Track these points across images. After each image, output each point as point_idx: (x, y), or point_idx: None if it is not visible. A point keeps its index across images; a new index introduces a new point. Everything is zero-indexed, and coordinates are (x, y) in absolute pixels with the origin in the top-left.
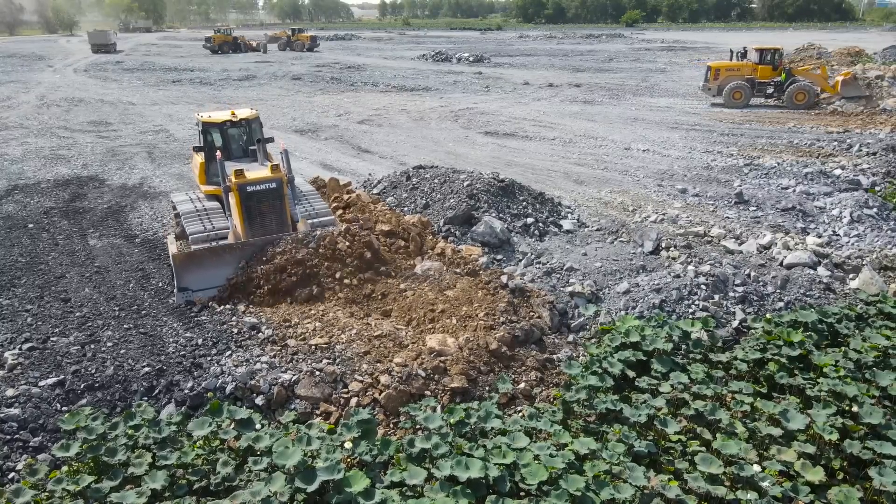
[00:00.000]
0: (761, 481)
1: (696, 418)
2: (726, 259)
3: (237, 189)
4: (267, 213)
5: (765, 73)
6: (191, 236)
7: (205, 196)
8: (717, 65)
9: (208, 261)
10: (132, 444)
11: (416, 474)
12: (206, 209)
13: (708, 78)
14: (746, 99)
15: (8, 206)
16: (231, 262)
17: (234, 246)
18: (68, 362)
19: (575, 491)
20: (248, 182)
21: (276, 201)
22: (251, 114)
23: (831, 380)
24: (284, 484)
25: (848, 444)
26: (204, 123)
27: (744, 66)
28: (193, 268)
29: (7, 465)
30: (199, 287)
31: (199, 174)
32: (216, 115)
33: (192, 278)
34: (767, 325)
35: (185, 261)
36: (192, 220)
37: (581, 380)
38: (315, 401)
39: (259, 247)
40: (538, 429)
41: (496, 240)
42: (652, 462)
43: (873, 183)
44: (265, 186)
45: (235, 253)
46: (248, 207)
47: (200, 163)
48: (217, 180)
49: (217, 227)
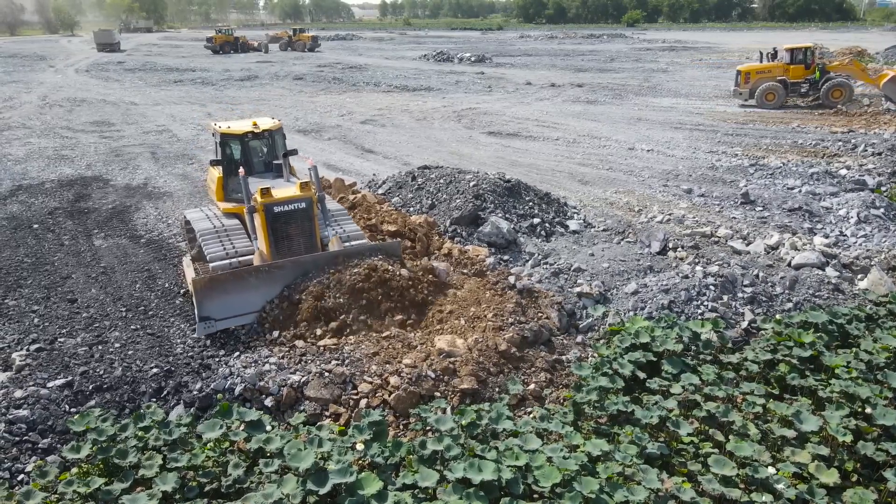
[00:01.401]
0: (776, 483)
1: (708, 420)
2: (734, 259)
3: (263, 209)
4: (295, 235)
5: (797, 73)
6: (210, 259)
7: (222, 213)
8: (746, 68)
9: (232, 286)
10: (142, 445)
11: (428, 476)
12: (225, 228)
13: (738, 82)
14: (780, 100)
15: (12, 207)
16: (257, 286)
17: (260, 269)
18: (76, 363)
19: (589, 493)
20: (276, 202)
21: (306, 222)
22: (274, 124)
23: (843, 381)
24: (296, 486)
25: (862, 445)
26: (222, 135)
27: (775, 67)
28: (216, 294)
29: (16, 466)
30: (223, 316)
31: (217, 190)
32: (236, 126)
33: (214, 306)
34: (777, 325)
35: (207, 287)
36: (211, 240)
37: (591, 381)
38: (325, 402)
39: (288, 269)
40: (549, 430)
41: (503, 240)
42: (664, 464)
43: (879, 183)
44: (294, 206)
45: (262, 276)
46: (275, 229)
47: (218, 177)
48: (237, 197)
49: (239, 249)
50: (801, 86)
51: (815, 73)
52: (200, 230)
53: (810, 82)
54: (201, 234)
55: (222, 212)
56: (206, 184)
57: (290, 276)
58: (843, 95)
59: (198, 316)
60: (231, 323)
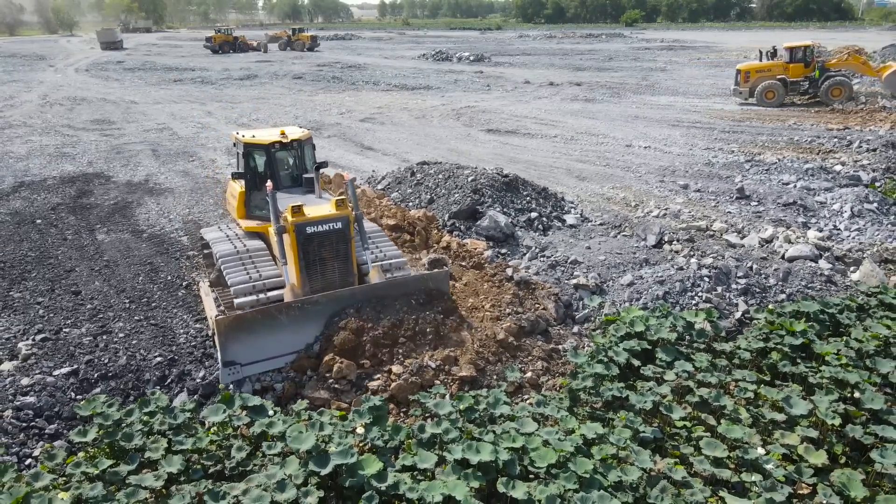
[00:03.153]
0: (765, 464)
1: (700, 405)
2: (729, 252)
3: (294, 230)
4: (329, 259)
5: (797, 71)
6: (234, 289)
7: (244, 233)
8: (745, 67)
9: (260, 326)
10: (147, 430)
11: (426, 459)
12: (248, 251)
13: (738, 81)
14: (780, 98)
15: (15, 203)
16: (288, 325)
17: (292, 306)
18: (81, 352)
19: (583, 473)
20: (309, 221)
21: (341, 245)
22: (303, 134)
23: (833, 368)
24: (298, 467)
25: (850, 428)
26: (246, 145)
27: (774, 66)
28: (242, 336)
29: (24, 451)
30: (250, 360)
31: (238, 206)
32: (261, 135)
33: (240, 349)
34: (770, 315)
35: (232, 328)
36: (234, 267)
37: (587, 368)
38: (323, 402)
39: (324, 305)
40: (546, 415)
41: (501, 234)
42: (658, 448)
43: (873, 178)
44: (329, 227)
45: (294, 314)
46: (307, 252)
47: (240, 192)
48: (261, 214)
49: (265, 277)
50: (801, 84)
51: (814, 72)
52: (221, 254)
53: (810, 80)
54: (222, 258)
55: (243, 230)
56: (226, 198)
57: (325, 313)
58: (843, 94)
59: (221, 361)
60: (259, 368)
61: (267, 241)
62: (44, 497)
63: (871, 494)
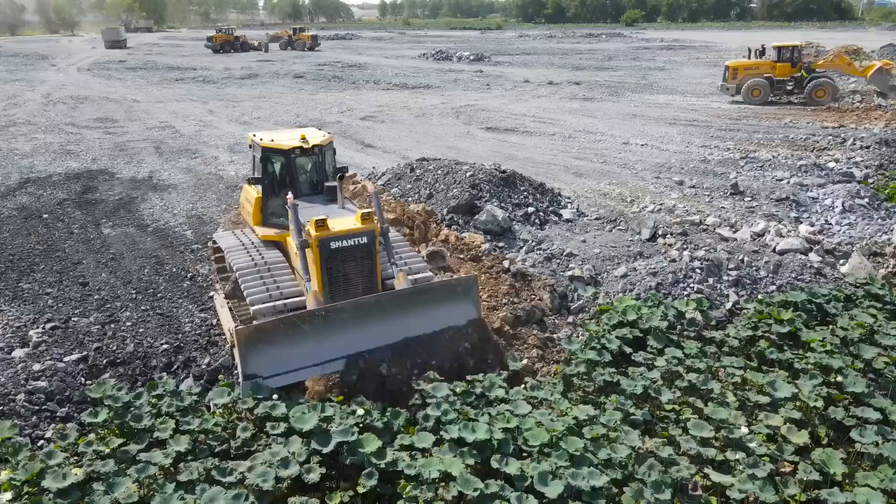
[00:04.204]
0: (749, 443)
1: (689, 389)
2: (721, 245)
3: (318, 245)
4: (353, 276)
5: (784, 71)
6: (252, 304)
7: (260, 242)
8: (734, 64)
9: (283, 336)
10: (156, 412)
11: (424, 439)
12: (266, 264)
13: (726, 77)
14: (765, 96)
15: (22, 198)
16: (312, 335)
17: (316, 314)
18: (90, 340)
19: (574, 451)
20: (333, 236)
21: (367, 261)
22: (325, 138)
23: (818, 354)
24: (301, 446)
25: (832, 411)
26: (264, 149)
27: (762, 64)
28: (263, 347)
29: (36, 433)
30: (272, 373)
31: (254, 212)
32: (280, 139)
33: (261, 361)
34: (759, 305)
35: (253, 339)
36: (252, 280)
37: (580, 354)
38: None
39: (349, 313)
40: (540, 399)
41: (498, 228)
42: (647, 430)
43: (866, 175)
44: (354, 241)
45: (317, 323)
46: (331, 268)
47: (256, 198)
48: (278, 222)
49: (285, 292)
50: (787, 83)
51: (801, 72)
52: (238, 267)
53: (796, 80)
54: (240, 272)
55: (260, 239)
56: (241, 203)
57: (350, 323)
58: (827, 95)
59: (242, 374)
60: (282, 381)
61: (285, 250)
62: (58, 472)
63: (850, 472)
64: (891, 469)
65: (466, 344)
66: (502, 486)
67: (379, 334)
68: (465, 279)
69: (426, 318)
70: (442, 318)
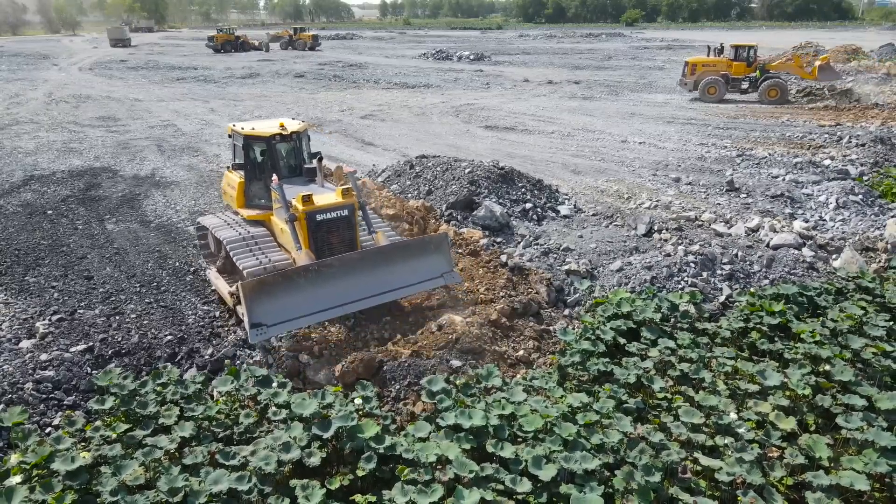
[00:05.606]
0: (738, 428)
1: (681, 378)
2: (715, 241)
3: (305, 217)
4: (336, 244)
5: (739, 70)
6: (246, 272)
7: (244, 221)
8: (694, 60)
9: (282, 289)
10: (161, 399)
11: (421, 427)
12: (253, 236)
13: (685, 73)
14: (721, 94)
15: (26, 195)
16: (306, 288)
17: (309, 269)
18: (95, 331)
19: (567, 436)
20: (318, 209)
21: (347, 230)
22: (301, 126)
23: (807, 344)
24: (302, 431)
25: (820, 398)
26: (246, 137)
27: (719, 62)
28: (265, 298)
29: (44, 420)
30: (275, 321)
31: (237, 196)
32: (261, 128)
33: (265, 311)
34: (751, 298)
35: (257, 291)
36: (243, 251)
37: (575, 345)
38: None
39: (337, 268)
40: (535, 387)
41: (496, 223)
42: (639, 417)
43: (861, 172)
44: (336, 214)
45: (311, 277)
46: (317, 238)
47: (239, 182)
48: (260, 203)
49: (274, 261)
50: (742, 82)
51: (756, 72)
52: (228, 240)
53: (751, 80)
54: (230, 244)
55: (244, 218)
56: (223, 189)
57: (339, 276)
58: (779, 95)
59: (248, 323)
60: (283, 328)
61: (268, 227)
62: (66, 456)
63: (836, 456)
64: (875, 453)
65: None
66: (497, 469)
67: (364, 286)
68: (436, 236)
69: (405, 270)
70: (419, 271)
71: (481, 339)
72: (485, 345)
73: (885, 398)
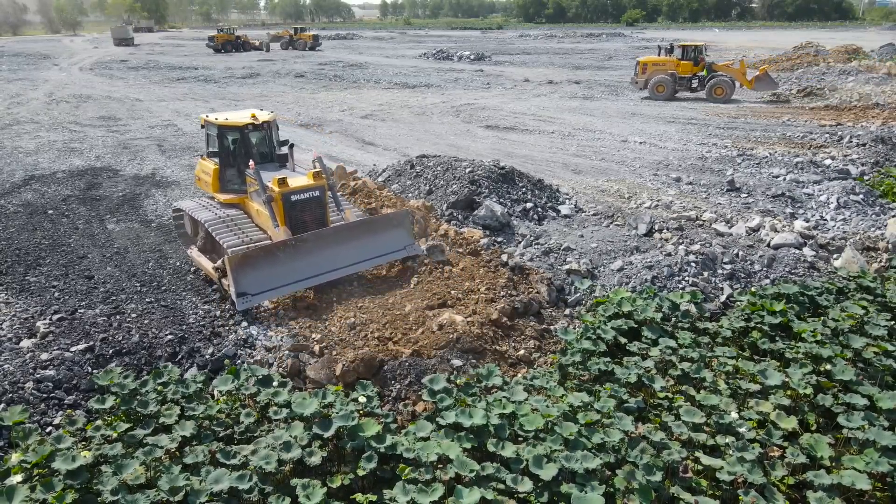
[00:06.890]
0: (739, 427)
1: (682, 378)
2: (716, 240)
3: (281, 198)
4: (309, 222)
5: (686, 69)
6: (229, 249)
7: (220, 204)
8: (645, 60)
9: (264, 261)
10: (161, 398)
11: (423, 427)
12: (231, 218)
13: (637, 72)
14: (669, 92)
15: (27, 195)
16: (285, 261)
17: (288, 243)
18: (96, 331)
19: (568, 435)
20: (293, 190)
21: (319, 210)
22: (270, 116)
23: (808, 344)
24: (303, 430)
25: (821, 398)
26: (220, 127)
27: (668, 62)
28: (249, 270)
29: (45, 420)
30: (259, 290)
31: (213, 182)
32: (234, 118)
33: (249, 281)
34: (752, 297)
35: (242, 263)
36: (223, 230)
37: (576, 344)
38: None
39: (312, 242)
40: (536, 386)
41: (497, 223)
42: (640, 417)
43: (862, 172)
44: (309, 195)
45: (289, 251)
46: (292, 217)
47: (214, 169)
48: (234, 188)
49: (254, 239)
50: (691, 81)
51: (703, 71)
52: (208, 221)
53: (699, 79)
54: (210, 224)
55: (221, 202)
56: (197, 175)
57: (314, 250)
58: (724, 93)
59: (235, 292)
60: (266, 297)
61: (244, 209)
62: (67, 455)
63: (837, 455)
64: (876, 452)
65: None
66: (498, 468)
67: (336, 258)
68: (398, 213)
69: (372, 244)
70: (384, 245)
71: (482, 338)
72: (485, 344)
73: (886, 397)
